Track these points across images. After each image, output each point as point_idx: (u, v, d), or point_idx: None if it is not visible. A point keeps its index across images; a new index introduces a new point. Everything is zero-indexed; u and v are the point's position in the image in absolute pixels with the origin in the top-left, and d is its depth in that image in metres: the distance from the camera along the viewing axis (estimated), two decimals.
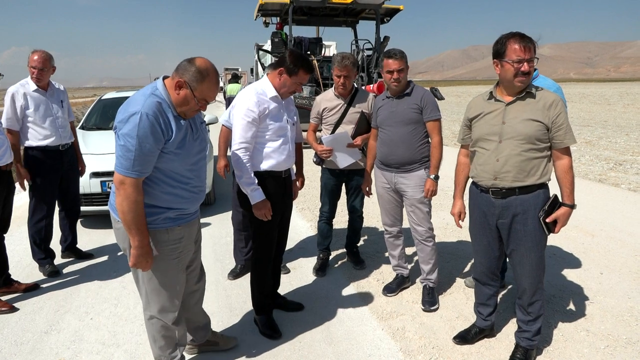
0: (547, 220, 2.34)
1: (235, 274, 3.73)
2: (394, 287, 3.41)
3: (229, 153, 3.74)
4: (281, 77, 2.64)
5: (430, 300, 3.20)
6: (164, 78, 2.05)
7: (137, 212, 1.91)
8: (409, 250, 4.05)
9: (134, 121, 1.84)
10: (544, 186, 2.39)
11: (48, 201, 3.79)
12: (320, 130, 3.68)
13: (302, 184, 3.20)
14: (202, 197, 2.25)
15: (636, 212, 5.37)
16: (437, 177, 3.11)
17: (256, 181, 2.61)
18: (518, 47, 2.22)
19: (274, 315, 2.97)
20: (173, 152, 1.96)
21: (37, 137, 3.66)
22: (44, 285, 3.60)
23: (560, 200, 2.38)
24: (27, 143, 3.67)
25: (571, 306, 3.18)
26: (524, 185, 2.35)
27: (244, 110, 2.59)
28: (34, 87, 3.64)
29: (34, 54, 3.61)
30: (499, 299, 2.95)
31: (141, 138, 1.84)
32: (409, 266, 3.55)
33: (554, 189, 2.40)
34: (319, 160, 3.65)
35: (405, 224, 3.35)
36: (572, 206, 2.35)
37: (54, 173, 3.80)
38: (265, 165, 2.70)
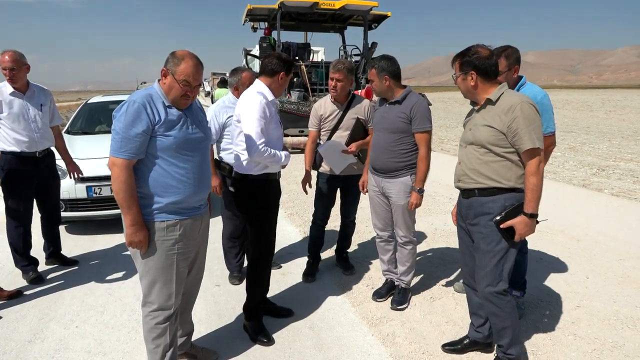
0: (502, 226, 2.27)
1: (238, 278, 3.70)
2: (384, 292, 3.41)
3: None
4: (281, 80, 2.80)
5: (399, 300, 3.28)
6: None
7: (126, 191, 2.04)
8: None
9: (124, 107, 2.03)
10: (506, 191, 2.29)
11: (23, 208, 3.63)
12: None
13: None
14: (199, 191, 2.24)
15: (619, 217, 5.47)
16: (421, 190, 3.06)
17: (281, 149, 2.79)
18: None
19: (263, 321, 2.95)
20: (163, 135, 2.07)
21: (9, 141, 3.49)
22: (27, 293, 3.52)
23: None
24: (2, 147, 3.51)
25: (558, 310, 3.22)
26: (482, 187, 2.33)
27: (259, 113, 2.64)
28: (11, 89, 3.50)
29: (4, 54, 3.47)
30: None
31: (128, 121, 2.00)
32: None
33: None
34: (314, 165, 3.65)
35: None
36: (531, 215, 2.21)
37: (29, 179, 3.63)
38: (264, 169, 2.78)
